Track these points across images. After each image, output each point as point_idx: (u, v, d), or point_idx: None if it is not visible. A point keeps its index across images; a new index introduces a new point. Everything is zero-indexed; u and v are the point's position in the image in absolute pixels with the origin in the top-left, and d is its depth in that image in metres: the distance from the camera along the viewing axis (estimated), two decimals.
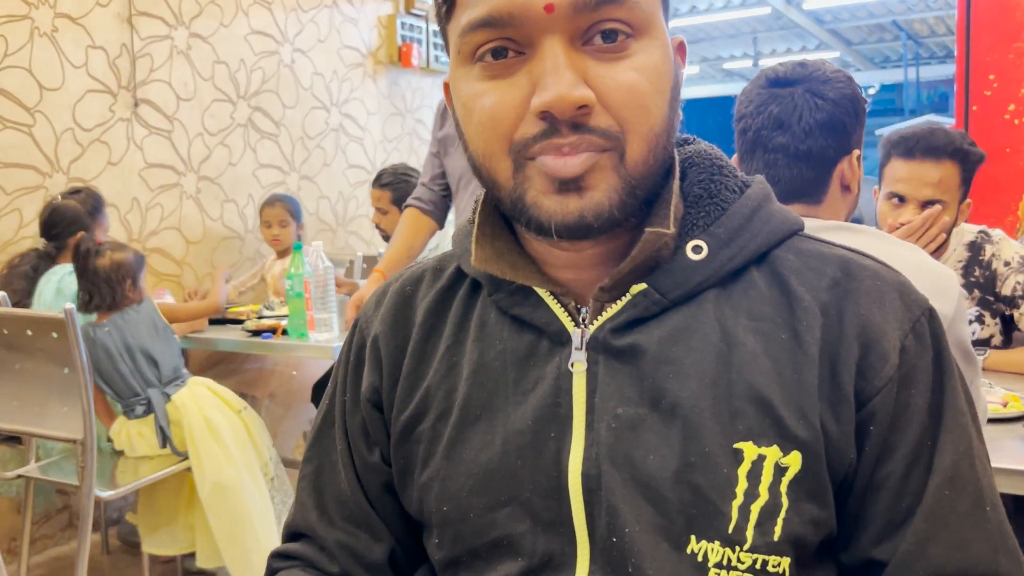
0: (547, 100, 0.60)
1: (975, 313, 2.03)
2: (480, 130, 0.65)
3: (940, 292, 1.14)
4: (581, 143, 0.61)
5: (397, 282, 0.82)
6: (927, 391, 0.66)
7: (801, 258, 0.69)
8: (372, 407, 0.79)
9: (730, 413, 0.64)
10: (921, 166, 1.85)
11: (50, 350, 2.22)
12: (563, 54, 0.60)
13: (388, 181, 3.30)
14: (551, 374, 0.69)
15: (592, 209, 0.62)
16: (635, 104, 0.62)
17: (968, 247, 2.04)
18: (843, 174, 1.27)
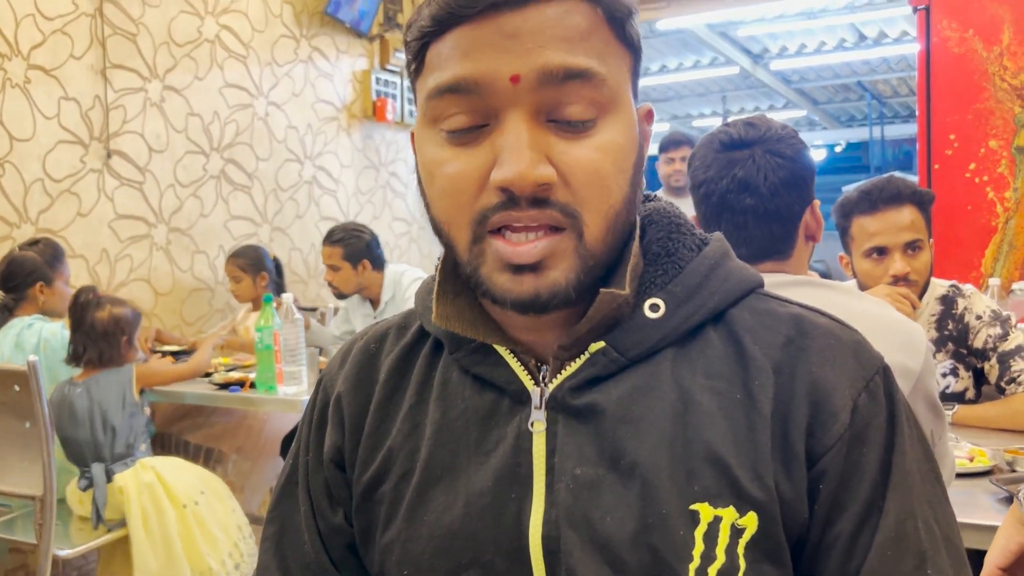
0: (507, 177, 0.60)
1: (950, 366, 2.05)
2: (441, 196, 0.65)
3: (908, 347, 1.15)
4: (540, 217, 0.61)
5: (361, 340, 0.81)
6: (879, 449, 0.65)
7: (756, 317, 0.69)
8: (335, 467, 0.78)
9: (687, 473, 0.63)
10: (889, 214, 1.90)
11: (11, 403, 2.18)
12: (526, 130, 0.61)
13: (339, 237, 3.30)
14: (512, 434, 0.68)
15: (548, 288, 0.63)
16: (596, 184, 0.62)
17: (940, 300, 2.07)
18: (807, 225, 1.31)
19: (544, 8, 0.61)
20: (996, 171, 3.44)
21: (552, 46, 0.61)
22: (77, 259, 3.31)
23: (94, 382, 2.45)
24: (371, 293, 3.40)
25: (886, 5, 6.70)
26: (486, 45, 0.61)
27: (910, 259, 1.91)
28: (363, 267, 3.29)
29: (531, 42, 0.60)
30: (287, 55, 4.37)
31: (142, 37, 3.59)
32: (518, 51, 0.60)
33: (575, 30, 0.62)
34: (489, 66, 0.61)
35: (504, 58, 0.60)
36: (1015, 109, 3.39)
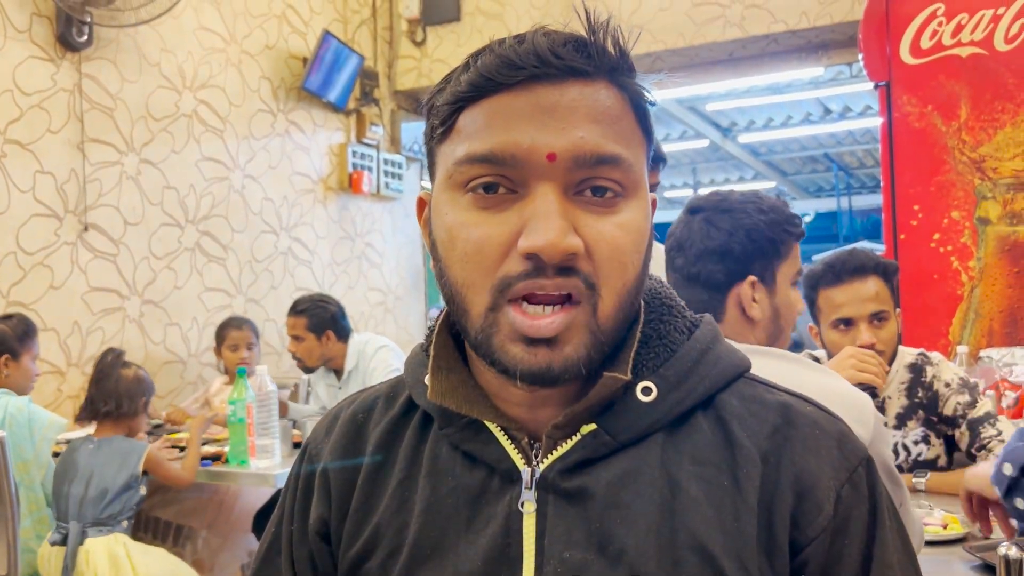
0: (538, 245, 0.61)
1: (921, 434, 2.06)
2: (464, 260, 0.65)
3: (855, 417, 1.15)
4: (565, 285, 0.63)
5: (348, 408, 0.80)
6: (860, 542, 0.66)
7: (744, 403, 0.70)
8: (320, 539, 0.77)
9: (673, 562, 0.64)
10: (854, 286, 1.94)
11: None
12: (556, 201, 0.63)
13: (304, 308, 3.29)
14: (502, 513, 0.68)
15: (561, 362, 0.63)
16: (616, 260, 0.64)
17: (909, 368, 2.09)
18: (740, 299, 1.29)
19: (581, 87, 0.64)
20: (960, 241, 3.52)
21: (586, 127, 0.63)
22: (48, 332, 3.28)
23: (107, 443, 2.51)
24: (335, 364, 3.38)
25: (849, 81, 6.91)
26: (523, 117, 0.63)
27: (876, 329, 1.95)
28: (327, 338, 3.27)
29: (567, 120, 0.63)
30: (264, 129, 4.43)
31: (119, 112, 3.63)
32: (554, 128, 0.63)
33: (607, 113, 0.64)
34: (526, 140, 0.63)
35: (541, 134, 0.63)
36: (975, 181, 3.49)
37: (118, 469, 2.48)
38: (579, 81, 0.64)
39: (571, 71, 0.63)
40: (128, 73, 3.66)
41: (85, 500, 2.43)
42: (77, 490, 2.43)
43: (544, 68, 0.63)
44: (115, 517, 2.47)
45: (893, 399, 2.08)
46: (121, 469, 2.48)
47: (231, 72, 4.22)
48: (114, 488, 2.47)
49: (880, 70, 3.64)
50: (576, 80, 0.64)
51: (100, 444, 2.51)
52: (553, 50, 0.63)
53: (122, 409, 2.55)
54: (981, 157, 3.47)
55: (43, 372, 3.21)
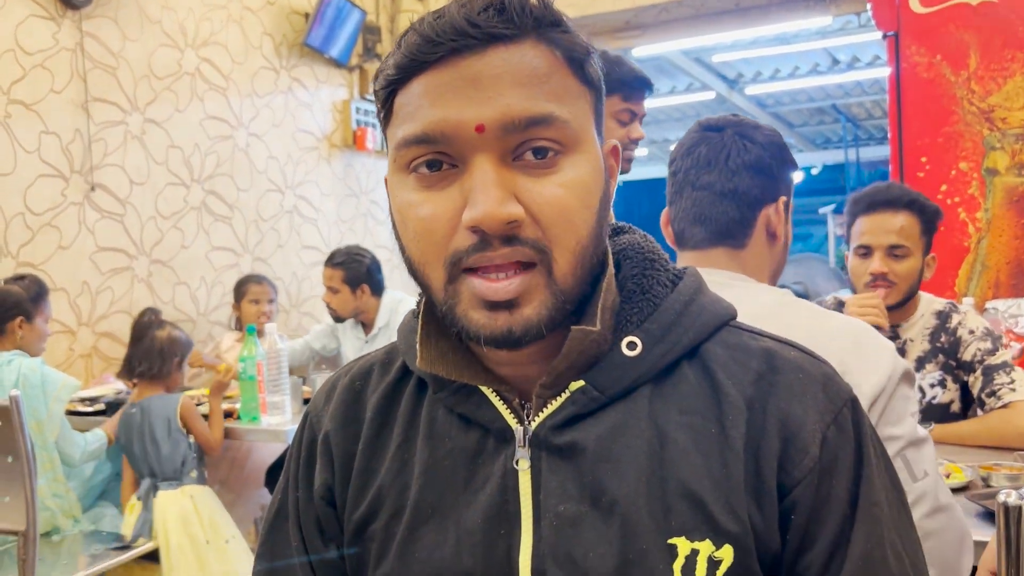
0: (477, 216, 0.62)
1: (938, 378, 2.09)
2: (416, 239, 0.67)
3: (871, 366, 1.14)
4: (512, 255, 0.63)
5: (346, 376, 0.82)
6: (847, 481, 0.67)
7: (728, 351, 0.71)
8: (326, 504, 0.79)
9: (664, 509, 0.66)
10: (882, 216, 2.02)
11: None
12: (493, 171, 0.63)
13: (340, 261, 3.31)
14: (498, 472, 0.70)
15: (520, 324, 0.64)
16: (562, 220, 0.64)
17: (936, 315, 2.13)
18: (769, 220, 1.27)
19: (504, 52, 0.63)
20: (967, 192, 3.51)
21: (513, 92, 0.63)
22: (58, 292, 3.30)
23: (147, 404, 2.62)
24: (366, 318, 3.39)
25: (858, 31, 6.82)
26: (449, 92, 0.63)
27: (892, 262, 2.01)
28: (362, 291, 3.29)
29: (492, 89, 0.63)
30: (267, 86, 4.41)
31: (122, 71, 3.61)
32: (480, 99, 0.62)
33: (534, 74, 0.64)
34: (454, 115, 0.63)
35: (468, 106, 0.63)
36: (983, 132, 3.47)
37: (163, 428, 2.61)
38: (501, 46, 0.63)
39: (491, 37, 0.63)
40: (129, 31, 3.64)
41: (147, 458, 2.60)
42: (139, 450, 2.61)
43: (463, 40, 0.62)
44: (178, 471, 2.60)
45: (915, 342, 2.12)
46: (165, 427, 2.60)
47: (233, 29, 4.19)
48: (165, 446, 2.60)
49: (889, 19, 3.60)
50: (498, 45, 0.63)
51: (142, 406, 2.62)
52: (470, 19, 0.62)
53: (154, 370, 2.65)
54: (990, 107, 3.44)
55: (54, 332, 3.25)
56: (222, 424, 2.69)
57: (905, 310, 2.12)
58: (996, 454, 1.86)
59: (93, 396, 3.06)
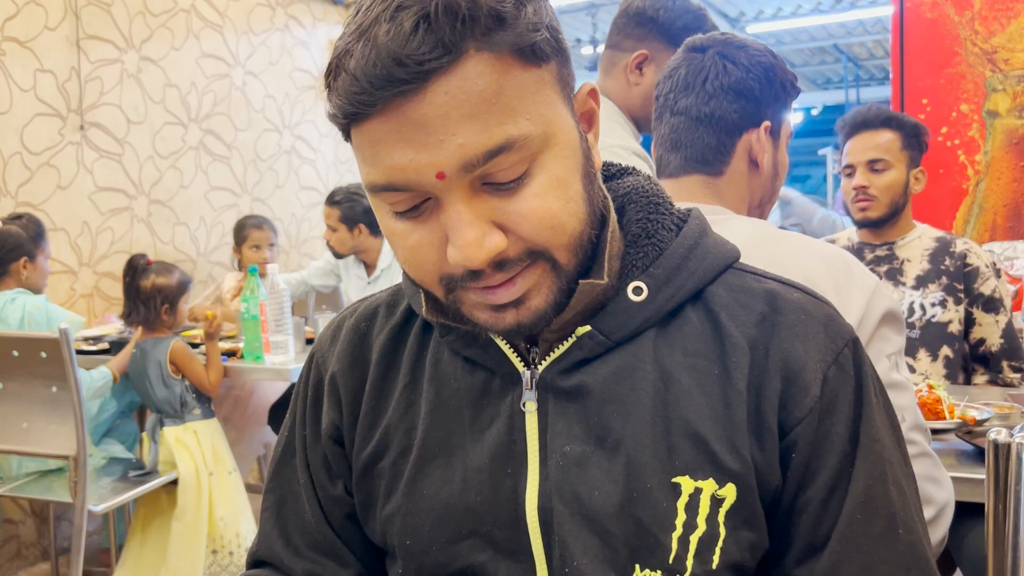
0: (458, 260, 0.61)
1: (939, 298, 2.14)
2: (406, 264, 0.66)
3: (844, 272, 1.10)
4: (506, 276, 0.63)
5: (352, 317, 0.83)
6: (847, 419, 0.69)
7: (731, 293, 0.72)
8: (333, 443, 0.81)
9: (668, 449, 0.67)
10: (862, 137, 2.19)
11: (36, 370, 2.28)
12: (464, 208, 0.60)
13: (339, 200, 3.31)
14: (505, 413, 0.72)
15: (529, 317, 0.65)
16: (547, 228, 0.62)
17: (937, 240, 2.19)
18: (750, 146, 1.20)
19: (445, 83, 0.57)
20: (967, 135, 3.50)
21: (464, 129, 0.58)
22: (58, 232, 3.31)
23: (144, 345, 2.67)
24: (367, 257, 3.40)
25: None
26: (400, 141, 0.59)
27: (872, 176, 2.15)
28: (359, 231, 3.30)
29: (442, 130, 0.58)
30: (263, 23, 4.35)
31: (116, 7, 3.56)
32: (432, 143, 0.58)
33: (482, 98, 0.58)
34: (411, 165, 0.59)
35: (422, 153, 0.59)
36: (986, 73, 3.44)
37: (156, 371, 2.66)
38: (442, 76, 0.57)
39: (428, 73, 0.57)
40: None
41: (149, 397, 2.67)
42: (142, 390, 2.68)
43: (399, 87, 0.57)
44: (179, 410, 2.66)
45: (913, 262, 2.18)
46: (157, 370, 2.65)
47: None
48: (158, 386, 2.65)
49: None
50: (438, 78, 0.57)
51: (140, 347, 2.66)
52: (400, 58, 0.56)
53: (140, 317, 2.67)
54: (993, 48, 3.42)
55: (55, 271, 3.26)
56: (220, 368, 2.72)
57: (896, 227, 2.21)
58: (986, 394, 1.90)
59: (96, 335, 3.09)
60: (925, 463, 1.08)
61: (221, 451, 2.68)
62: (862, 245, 2.28)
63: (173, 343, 2.68)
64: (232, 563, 2.60)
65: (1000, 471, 0.92)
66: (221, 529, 2.59)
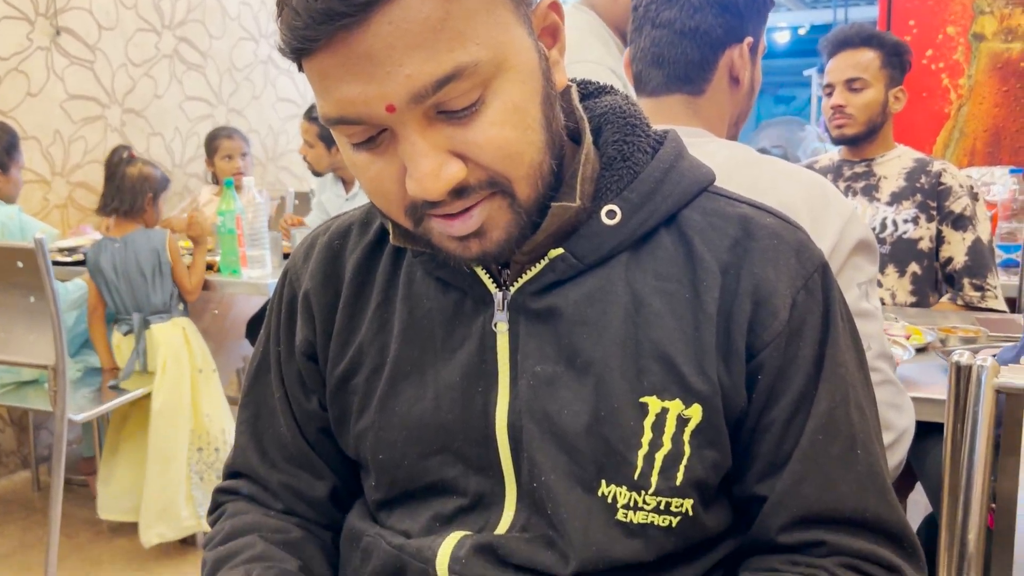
0: (417, 192, 0.61)
1: (912, 215, 2.17)
2: (371, 194, 0.66)
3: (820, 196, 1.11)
4: (467, 203, 0.62)
5: (325, 235, 0.83)
6: (813, 343, 0.70)
7: (706, 217, 0.72)
8: (307, 359, 0.81)
9: (637, 370, 0.68)
10: (842, 56, 2.20)
11: (13, 280, 2.25)
12: (419, 139, 0.60)
13: (316, 115, 3.26)
14: (476, 333, 0.72)
15: (492, 248, 0.65)
16: (504, 156, 0.61)
17: (915, 160, 2.22)
18: (732, 63, 1.18)
19: (388, 12, 0.56)
20: (952, 58, 3.47)
21: (410, 59, 0.57)
22: (30, 140, 3.24)
23: (131, 239, 2.60)
24: (345, 174, 3.37)
25: None
26: (347, 74, 0.58)
27: (849, 95, 2.17)
28: (337, 149, 3.25)
29: (388, 62, 0.57)
30: None
31: None
32: (380, 75, 0.57)
33: (427, 25, 0.56)
34: (360, 98, 0.58)
35: (370, 86, 0.58)
36: None
37: (152, 261, 2.60)
38: (384, 6, 0.55)
39: (368, 4, 0.55)
40: None
41: (135, 293, 2.60)
42: (125, 285, 2.60)
43: (340, 20, 0.55)
44: (168, 304, 2.64)
45: (890, 179, 2.21)
46: (155, 260, 2.60)
47: None
48: (155, 276, 2.61)
49: None
50: (380, 7, 0.55)
51: (125, 241, 2.59)
52: None
53: (125, 205, 2.62)
54: None
55: (28, 181, 3.21)
56: (202, 273, 2.71)
57: (875, 144, 2.24)
58: (956, 318, 1.93)
59: (71, 246, 3.06)
60: (888, 390, 1.11)
61: (205, 349, 2.70)
62: (841, 163, 2.29)
63: (168, 233, 2.65)
64: (217, 459, 2.63)
65: (960, 392, 0.94)
66: (207, 425, 2.61)
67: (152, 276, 2.60)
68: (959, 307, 2.15)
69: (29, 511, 2.98)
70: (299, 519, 0.83)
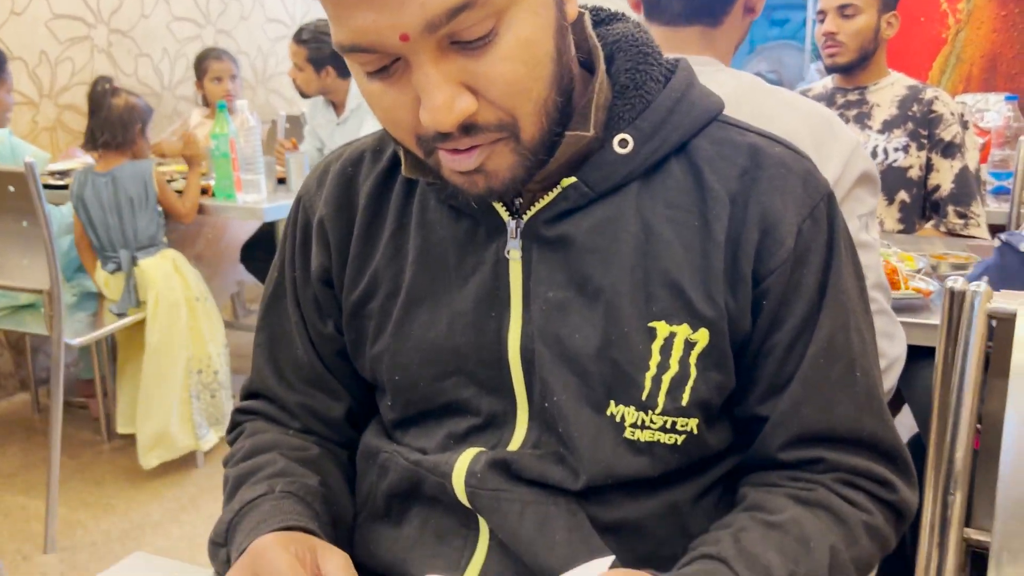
0: (428, 123, 0.61)
1: (903, 143, 2.19)
2: (384, 122, 0.67)
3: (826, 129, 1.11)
4: (475, 140, 0.63)
5: (338, 162, 0.83)
6: (817, 270, 0.72)
7: (715, 146, 0.73)
8: (323, 285, 0.83)
9: (646, 297, 0.70)
10: None
11: (5, 204, 2.25)
12: (433, 70, 0.60)
13: (306, 38, 3.20)
14: (490, 260, 0.74)
15: (497, 186, 0.66)
16: (514, 92, 0.62)
17: (909, 88, 2.22)
18: None
19: None
20: None
21: None
22: (15, 61, 3.19)
23: (119, 172, 2.57)
24: (336, 98, 3.32)
25: None
26: (361, 3, 0.58)
27: (842, 22, 2.17)
28: (327, 73, 3.20)
29: None
30: None
31: None
32: (395, 4, 0.57)
33: None
34: (372, 27, 0.58)
35: (383, 15, 0.58)
36: None
37: (141, 194, 2.59)
38: None
39: None
40: None
41: (124, 228, 2.58)
42: (113, 221, 2.58)
43: None
44: (154, 237, 2.63)
45: (883, 107, 2.22)
46: (143, 192, 2.59)
47: None
48: (144, 211, 2.60)
49: None
50: None
51: (112, 174, 2.57)
52: None
53: (118, 139, 2.58)
54: None
55: (16, 103, 3.16)
56: (197, 196, 2.70)
57: (868, 71, 2.24)
58: (946, 244, 1.96)
59: (62, 170, 3.04)
60: (883, 319, 1.14)
61: (198, 278, 2.71)
62: (835, 90, 2.29)
63: (155, 164, 2.63)
64: (215, 380, 2.68)
65: (953, 316, 0.97)
66: (209, 350, 2.65)
67: (140, 207, 2.58)
68: (942, 234, 2.18)
69: (30, 432, 3.03)
70: (316, 438, 0.86)
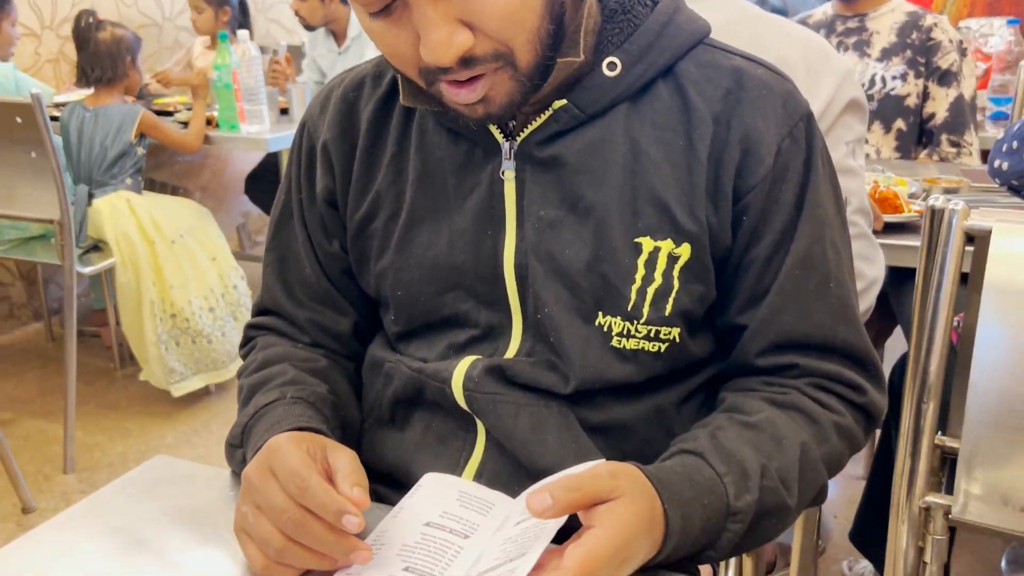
0: (429, 60, 0.64)
1: (900, 71, 2.20)
2: (388, 57, 0.71)
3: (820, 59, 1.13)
4: (474, 71, 0.66)
5: (339, 87, 0.87)
6: (795, 186, 0.76)
7: (700, 69, 0.76)
8: (328, 205, 0.87)
9: (633, 214, 0.75)
10: None
11: (13, 135, 2.27)
12: (431, 10, 0.63)
13: None
14: (486, 180, 0.78)
15: (496, 111, 0.70)
16: (510, 25, 0.65)
17: (908, 14, 2.22)
18: None
19: None
20: None
21: None
22: None
23: (104, 111, 2.57)
24: (337, 27, 3.30)
25: None
26: None
27: None
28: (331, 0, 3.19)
29: None
30: None
31: None
32: None
33: None
34: None
35: None
36: None
37: (115, 136, 2.59)
38: None
39: None
40: None
41: (90, 165, 2.60)
42: (84, 156, 2.59)
43: None
44: (116, 177, 2.62)
45: (882, 34, 2.22)
46: (117, 136, 2.59)
47: None
48: (112, 153, 2.60)
49: None
50: None
51: (96, 112, 2.57)
52: None
53: (108, 73, 2.58)
54: None
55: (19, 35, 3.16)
56: (202, 126, 2.70)
57: None
58: (939, 169, 1.99)
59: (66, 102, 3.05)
60: (862, 243, 1.19)
61: (160, 221, 2.65)
62: (835, 17, 2.29)
63: (143, 113, 2.62)
64: (190, 327, 2.64)
65: (933, 233, 1.01)
66: (173, 296, 2.60)
67: (110, 148, 2.58)
68: (935, 161, 2.20)
69: (45, 360, 3.11)
70: (325, 351, 0.91)
